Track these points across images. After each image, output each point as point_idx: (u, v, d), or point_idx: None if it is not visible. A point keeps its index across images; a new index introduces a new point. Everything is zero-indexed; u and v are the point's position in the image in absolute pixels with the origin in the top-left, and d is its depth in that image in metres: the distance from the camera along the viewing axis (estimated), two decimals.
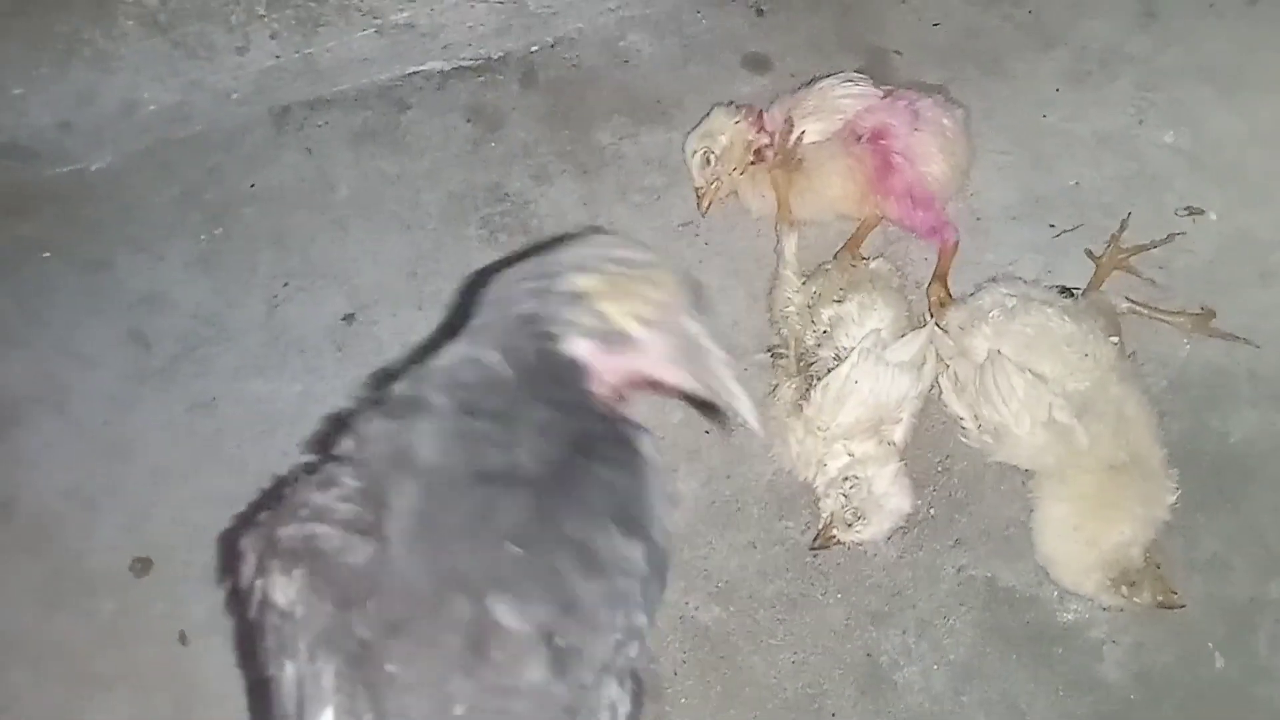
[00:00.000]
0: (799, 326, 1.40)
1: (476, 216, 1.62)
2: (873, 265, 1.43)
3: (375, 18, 1.70)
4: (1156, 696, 1.21)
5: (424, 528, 0.77)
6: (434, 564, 0.77)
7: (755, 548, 1.33)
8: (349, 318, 1.55)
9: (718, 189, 1.54)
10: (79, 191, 1.70)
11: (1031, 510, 1.28)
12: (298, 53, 1.70)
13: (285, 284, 1.59)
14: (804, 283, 1.43)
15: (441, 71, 1.75)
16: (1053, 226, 1.51)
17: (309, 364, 1.52)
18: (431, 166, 1.67)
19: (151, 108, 1.72)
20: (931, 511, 1.33)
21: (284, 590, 0.77)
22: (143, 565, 1.39)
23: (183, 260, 1.64)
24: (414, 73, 1.75)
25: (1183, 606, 1.22)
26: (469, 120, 1.71)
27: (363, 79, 1.74)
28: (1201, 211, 1.49)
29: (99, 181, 1.71)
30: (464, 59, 1.76)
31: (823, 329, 1.37)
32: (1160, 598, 1.21)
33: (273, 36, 1.68)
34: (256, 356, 1.54)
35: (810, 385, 1.32)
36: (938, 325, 1.36)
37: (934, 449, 1.37)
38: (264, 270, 1.61)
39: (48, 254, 1.64)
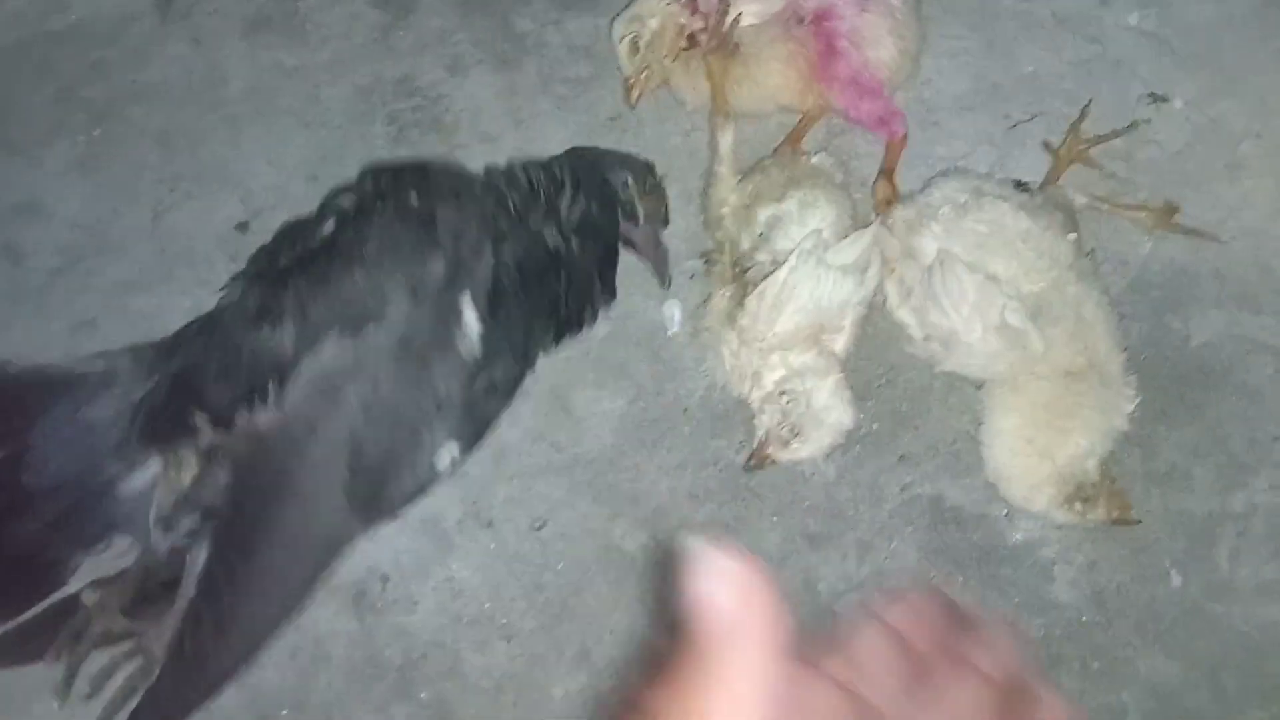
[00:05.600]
0: (734, 229, 1.28)
1: (384, 112, 1.47)
2: (814, 160, 1.31)
3: None
4: (1110, 617, 1.14)
5: None
6: None
7: (686, 469, 1.23)
8: (243, 225, 1.40)
9: (648, 79, 1.39)
10: None
11: (981, 424, 1.19)
12: None
13: (172, 189, 1.44)
14: (740, 180, 1.30)
15: None
16: (1008, 117, 1.39)
17: (199, 276, 1.37)
18: (334, 58, 1.51)
19: None
20: (874, 426, 1.23)
21: None
22: None
23: (61, 165, 1.48)
24: None
25: (1138, 522, 1.14)
26: (375, 6, 1.54)
27: None
28: (1166, 99, 1.38)
29: None
30: None
31: (759, 231, 1.25)
32: (1116, 513, 1.13)
33: None
34: (142, 269, 1.39)
35: (746, 292, 1.21)
36: (884, 224, 1.25)
37: (877, 360, 1.27)
38: (150, 174, 1.46)
39: None
